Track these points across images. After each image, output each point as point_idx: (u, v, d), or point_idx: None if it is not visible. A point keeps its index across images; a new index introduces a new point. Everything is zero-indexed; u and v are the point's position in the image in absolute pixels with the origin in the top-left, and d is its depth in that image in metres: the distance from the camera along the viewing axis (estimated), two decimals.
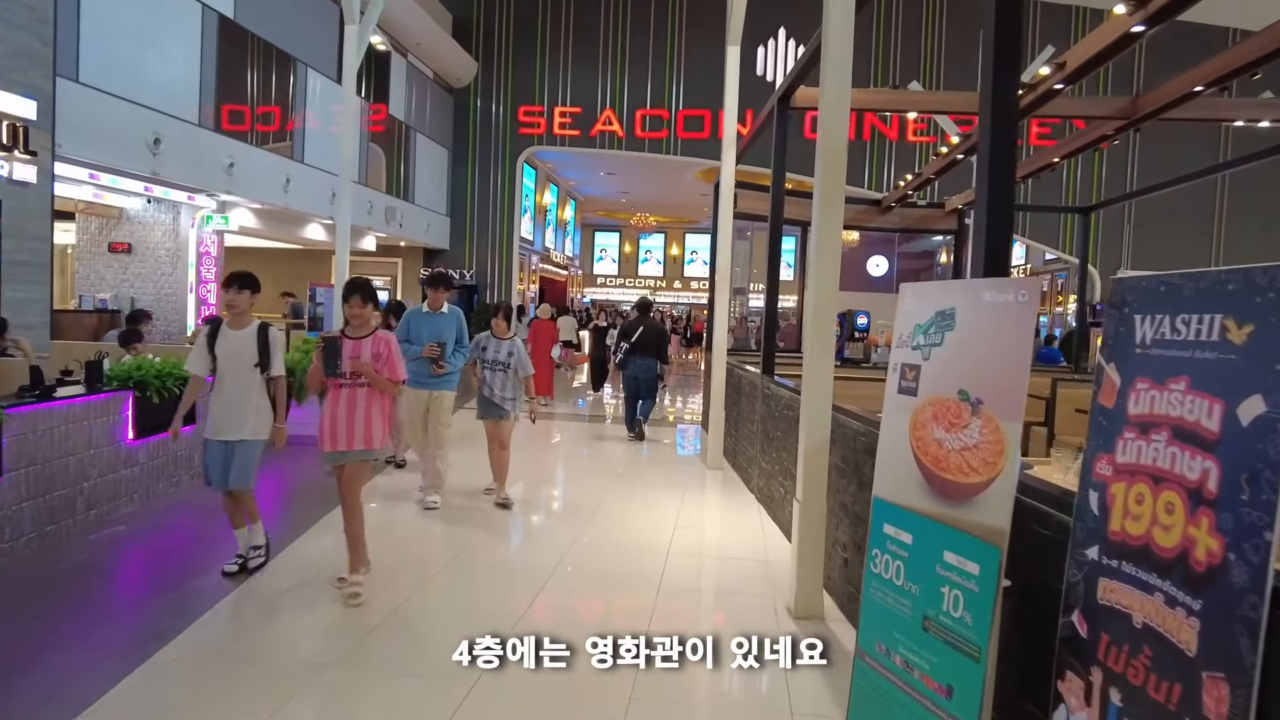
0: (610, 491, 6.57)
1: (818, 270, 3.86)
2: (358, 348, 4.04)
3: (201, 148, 10.88)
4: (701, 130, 19.35)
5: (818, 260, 3.86)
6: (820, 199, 3.87)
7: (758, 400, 6.54)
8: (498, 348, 5.92)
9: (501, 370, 5.85)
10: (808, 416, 3.88)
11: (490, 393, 5.92)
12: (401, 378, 4.16)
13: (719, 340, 7.63)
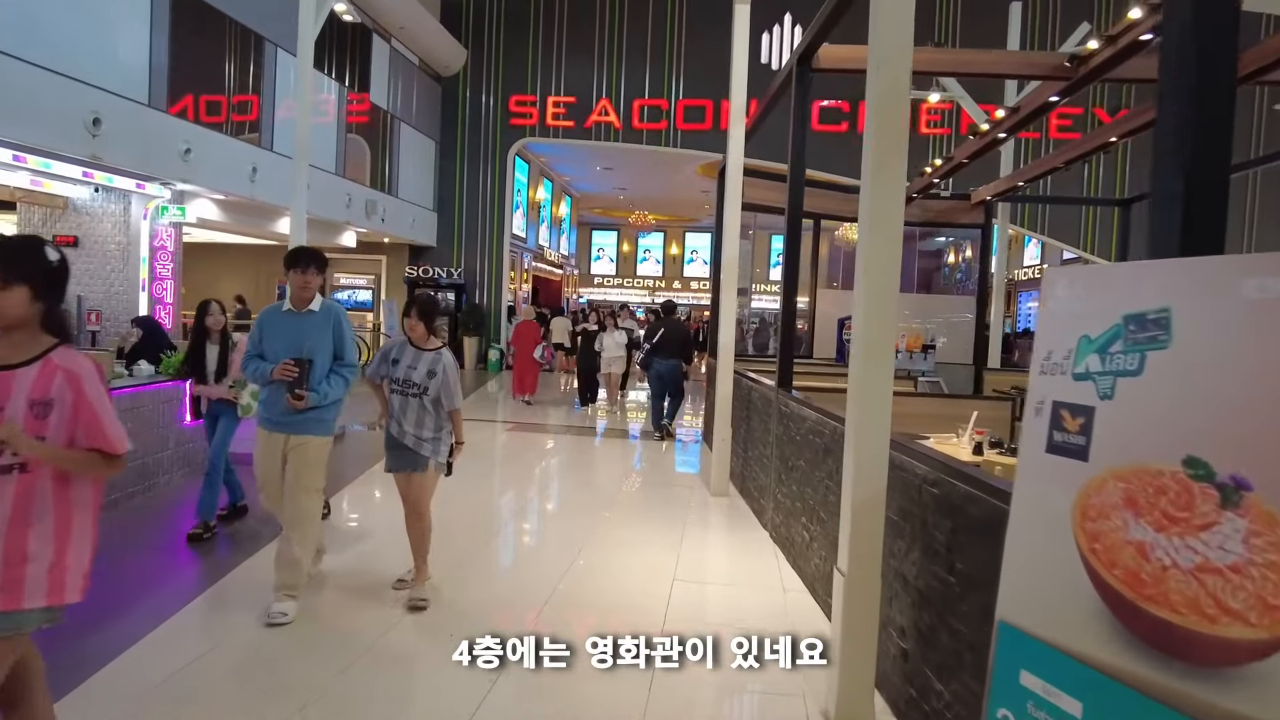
0: (596, 527, 5.53)
1: (872, 252, 2.84)
2: (5, 386, 1.93)
3: (152, 131, 9.83)
4: (703, 121, 18.32)
5: (871, 237, 2.84)
6: (874, 157, 2.85)
7: (772, 419, 5.51)
8: (414, 362, 4.05)
9: (416, 396, 4.00)
10: (858, 458, 2.85)
11: (400, 430, 4.01)
12: (117, 449, 2.01)
13: (725, 345, 6.60)
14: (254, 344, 3.95)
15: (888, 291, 2.84)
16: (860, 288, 2.85)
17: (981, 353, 10.80)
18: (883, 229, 2.84)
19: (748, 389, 6.53)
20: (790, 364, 5.42)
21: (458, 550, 4.83)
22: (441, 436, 4.13)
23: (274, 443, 3.88)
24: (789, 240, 5.44)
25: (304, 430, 3.85)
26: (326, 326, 3.96)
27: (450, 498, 5.86)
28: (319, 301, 3.99)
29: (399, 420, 4.04)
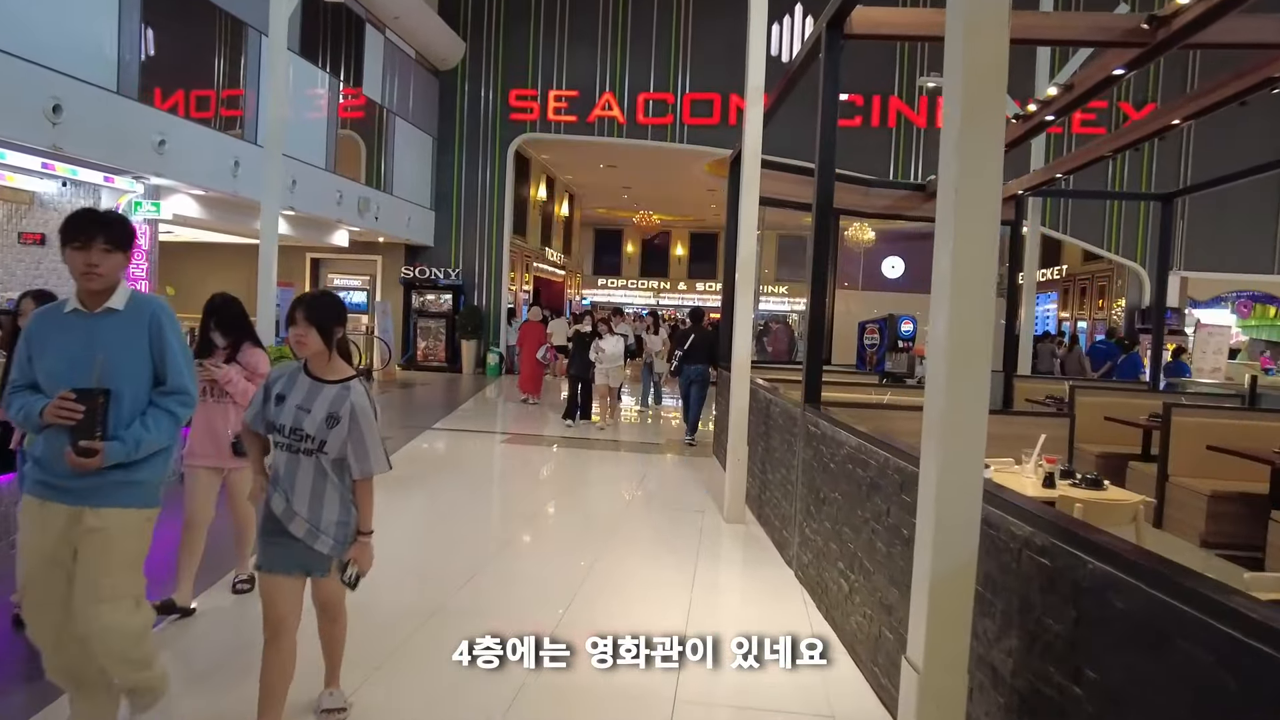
0: (594, 562, 4.81)
1: (965, 241, 2.12)
2: None
3: (121, 120, 9.15)
4: (710, 116, 17.61)
5: (963, 221, 2.12)
6: (967, 101, 2.12)
7: (797, 439, 4.79)
8: (307, 400, 2.62)
9: (310, 454, 2.61)
10: (941, 517, 2.12)
11: (286, 509, 2.61)
12: None
13: (740, 351, 5.87)
14: (20, 367, 2.47)
15: (983, 289, 2.13)
16: (947, 285, 2.13)
17: (1011, 359, 10.06)
18: (979, 209, 2.13)
19: (765, 402, 5.81)
20: (819, 376, 4.70)
21: (427, 593, 4.11)
22: (351, 520, 2.74)
23: (51, 522, 2.39)
24: (818, 231, 4.73)
25: (102, 500, 2.41)
26: (139, 334, 2.48)
27: (428, 527, 5.16)
28: (124, 294, 2.54)
29: (285, 493, 2.60)
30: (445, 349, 18.27)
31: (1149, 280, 17.24)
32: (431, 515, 5.73)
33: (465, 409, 12.28)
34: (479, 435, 9.65)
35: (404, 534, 5.25)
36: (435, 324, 18.24)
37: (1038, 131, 6.51)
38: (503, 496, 6.57)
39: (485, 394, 14.68)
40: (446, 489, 6.65)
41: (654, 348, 12.54)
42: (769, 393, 5.76)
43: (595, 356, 10.03)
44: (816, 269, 4.71)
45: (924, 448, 2.23)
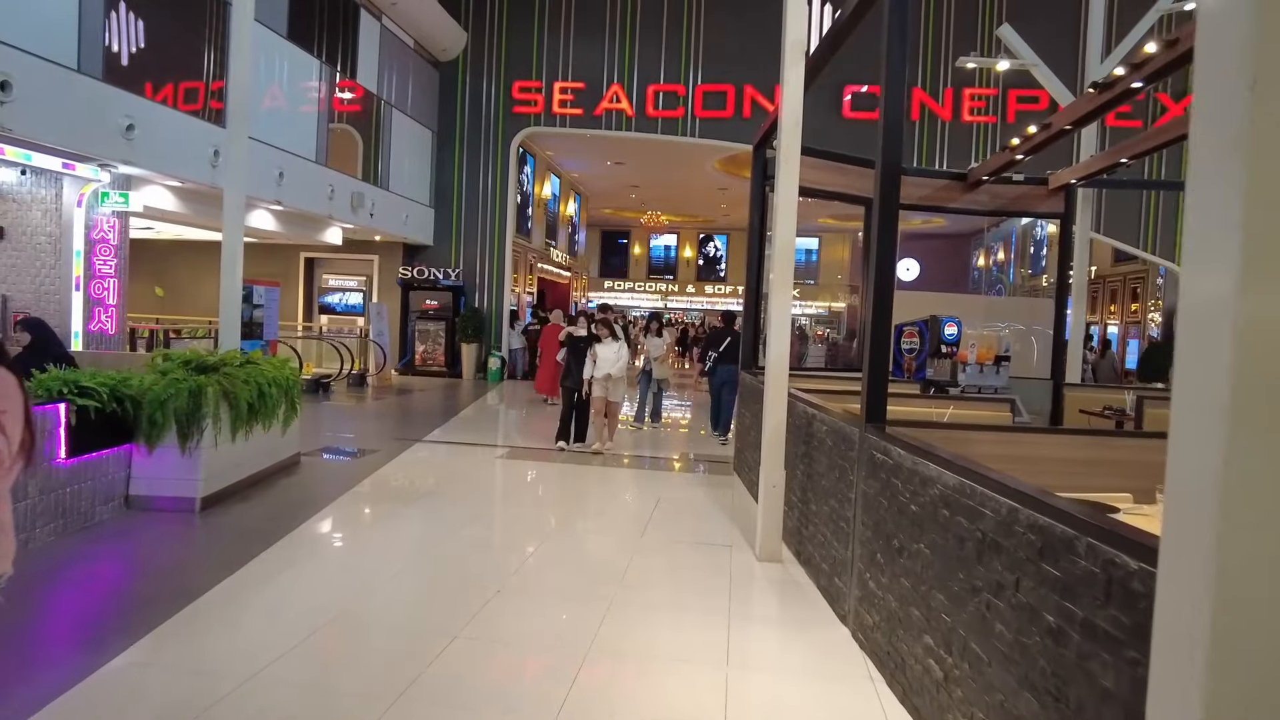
0: (601, 623, 3.90)
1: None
2: None
3: (82, 101, 8.31)
4: (724, 109, 16.73)
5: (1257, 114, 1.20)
6: None
7: (854, 468, 3.88)
8: None
9: None
10: (1221, 670, 1.20)
11: None
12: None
13: (776, 357, 4.96)
14: None
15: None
16: (1236, 247, 1.21)
17: (1059, 366, 9.14)
18: None
19: (807, 417, 4.90)
20: (884, 390, 3.79)
21: (391, 667, 3.22)
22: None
23: None
24: (883, 210, 3.82)
25: None
26: None
27: (398, 573, 4.26)
28: None
29: None
30: (445, 353, 17.41)
31: None
32: (404, 555, 4.83)
33: (463, 418, 11.40)
34: (474, 449, 8.76)
35: (365, 581, 4.35)
36: (434, 327, 17.38)
37: (1123, 100, 5.60)
38: (494, 529, 5.66)
39: (486, 401, 13.80)
40: (427, 519, 5.76)
41: (654, 353, 11.03)
42: (811, 406, 4.85)
43: (590, 368, 8.35)
44: (880, 262, 3.81)
45: (1169, 535, 1.32)
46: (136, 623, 3.65)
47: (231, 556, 4.64)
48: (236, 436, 5.92)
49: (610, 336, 8.51)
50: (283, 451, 6.93)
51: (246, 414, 5.96)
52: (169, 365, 5.68)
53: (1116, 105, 5.74)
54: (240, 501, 5.83)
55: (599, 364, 8.33)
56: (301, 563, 4.59)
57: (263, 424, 6.31)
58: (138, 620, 3.68)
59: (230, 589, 4.15)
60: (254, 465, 6.33)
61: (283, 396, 6.71)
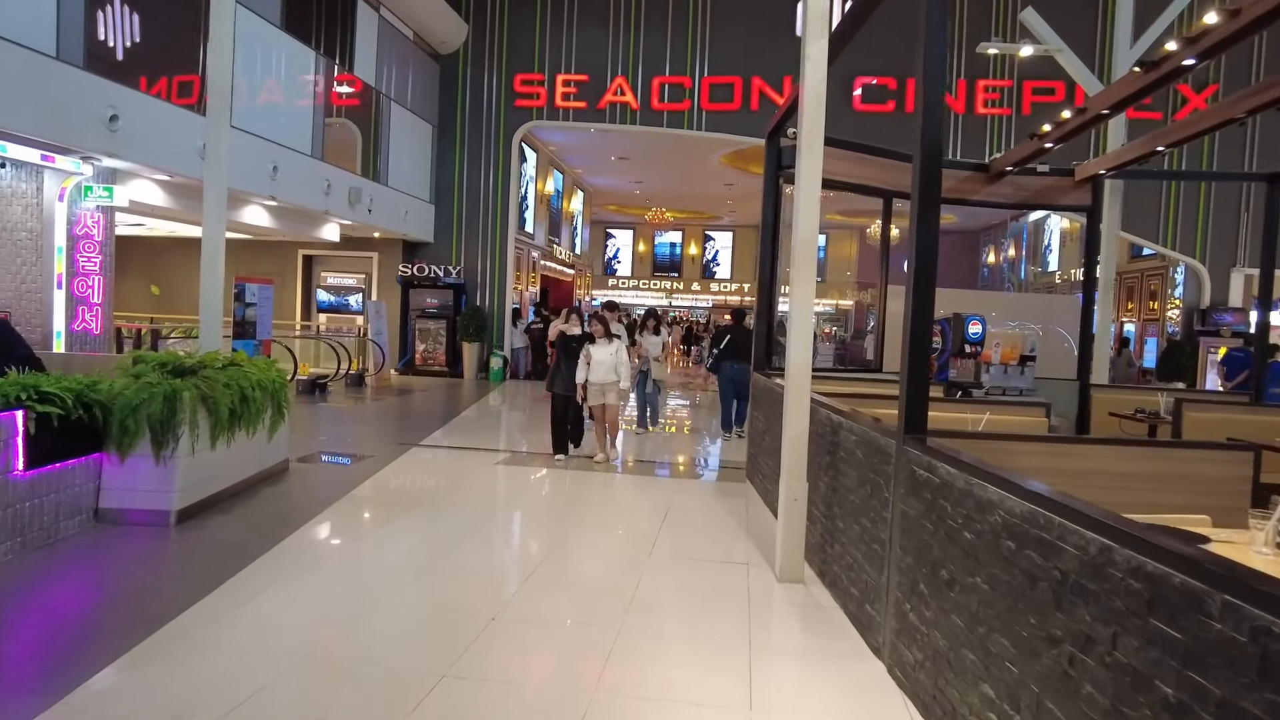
0: (607, 660, 3.50)
1: None
2: None
3: (62, 90, 7.94)
4: (730, 101, 16.30)
5: None
6: None
7: (890, 485, 3.48)
8: None
9: None
10: None
11: None
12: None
13: (797, 358, 4.55)
14: None
15: None
16: None
17: (1086, 365, 8.73)
18: None
19: (832, 425, 4.49)
20: (925, 397, 3.38)
21: (370, 716, 2.82)
22: None
23: None
24: (923, 200, 3.41)
25: None
26: None
27: (380, 601, 3.85)
28: None
29: None
30: (446, 352, 17.02)
31: (1207, 278, 15.84)
32: (392, 576, 4.44)
33: (462, 420, 11.02)
34: (473, 454, 8.37)
35: (348, 607, 3.96)
36: (435, 325, 16.99)
37: (1172, 80, 5.17)
38: (489, 545, 5.25)
39: (487, 402, 13.41)
40: (418, 534, 5.36)
41: (652, 352, 10.18)
42: (837, 413, 4.43)
43: (583, 371, 7.60)
44: (922, 253, 3.39)
45: None
46: (97, 651, 3.28)
47: (206, 576, 4.26)
48: (217, 443, 5.53)
49: (605, 335, 7.69)
50: (269, 458, 6.54)
51: (228, 419, 5.57)
52: (142, 368, 5.29)
53: (1163, 86, 5.31)
54: (220, 514, 5.44)
55: (592, 367, 7.57)
56: (280, 585, 4.20)
57: (247, 430, 5.92)
58: (98, 648, 3.31)
59: (202, 614, 3.77)
60: (237, 474, 5.94)
61: (269, 400, 6.32)
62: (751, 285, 31.48)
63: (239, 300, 10.60)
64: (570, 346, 7.86)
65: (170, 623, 3.65)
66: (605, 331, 7.71)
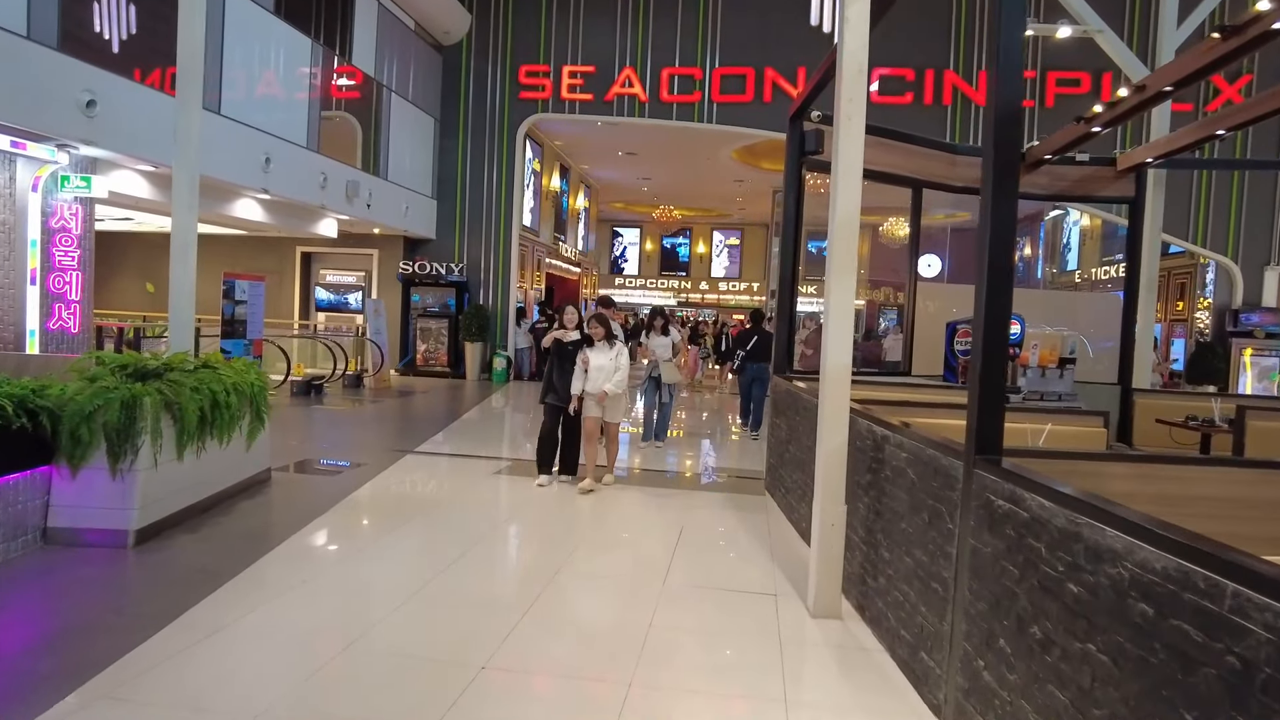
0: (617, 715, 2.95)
1: None
2: None
3: (33, 72, 7.44)
4: (743, 93, 15.73)
5: None
6: None
7: (956, 515, 2.92)
8: None
9: None
10: None
11: None
12: None
13: (834, 365, 4.00)
14: None
15: None
16: None
17: (1128, 368, 8.15)
18: None
19: (875, 439, 3.93)
20: (1000, 412, 2.81)
21: None
22: None
23: None
24: (1000, 172, 2.83)
25: None
26: None
27: (356, 642, 3.29)
28: None
29: None
30: (447, 352, 16.50)
31: (1240, 277, 15.21)
32: (370, 612, 3.90)
33: (462, 424, 10.48)
34: (472, 462, 7.83)
35: (319, 653, 3.42)
36: (436, 325, 16.47)
37: (1255, 47, 4.59)
38: (483, 574, 4.67)
39: (490, 404, 12.88)
40: (403, 558, 4.82)
41: (661, 354, 8.96)
42: (881, 425, 3.87)
43: (580, 380, 6.56)
44: (995, 245, 2.82)
45: None
46: (33, 697, 2.76)
47: (164, 605, 3.74)
48: (184, 454, 5.00)
49: (605, 339, 6.59)
50: (248, 468, 6.01)
51: (196, 427, 5.03)
52: (99, 371, 4.77)
53: (1244, 55, 4.73)
54: (186, 533, 4.91)
55: (590, 375, 6.50)
56: (239, 622, 3.65)
57: (220, 438, 5.39)
58: (34, 693, 2.79)
59: (155, 651, 3.25)
60: (209, 486, 5.41)
61: (246, 405, 5.80)
62: (761, 285, 30.89)
63: (228, 298, 10.08)
64: (567, 351, 6.82)
65: (118, 660, 3.15)
66: (606, 334, 6.63)
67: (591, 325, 6.62)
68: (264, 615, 3.72)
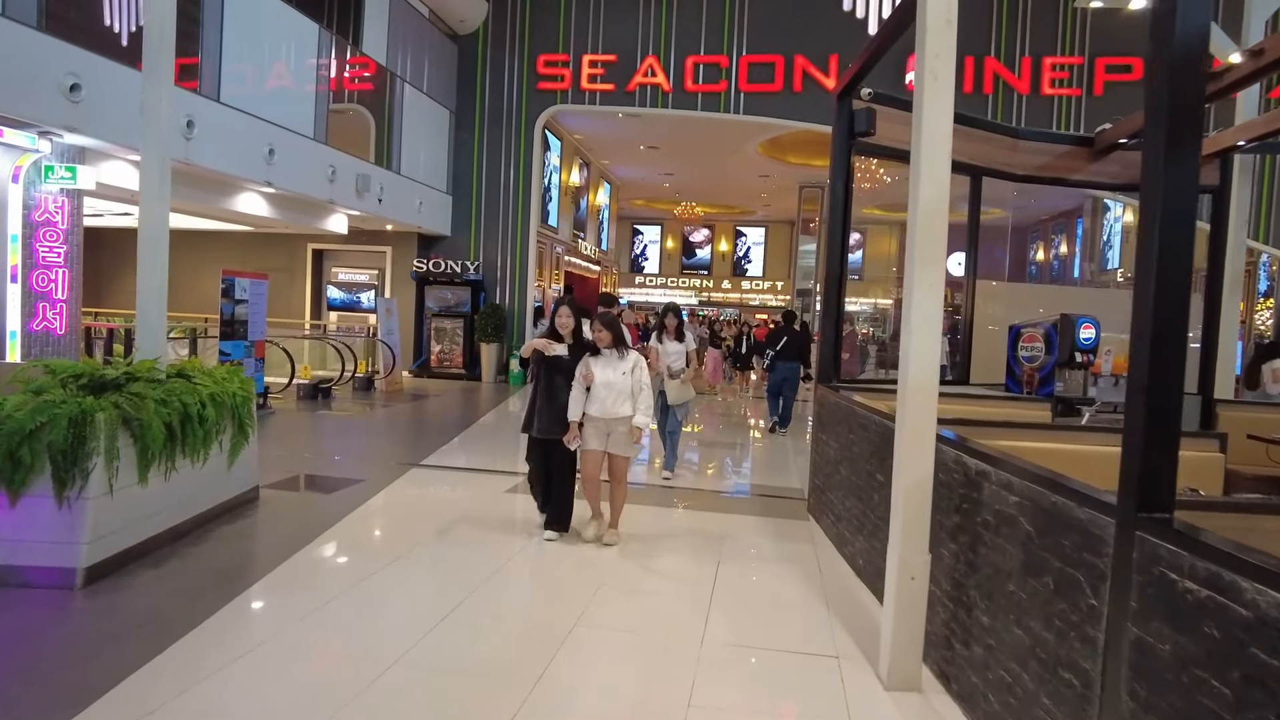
0: None
1: None
2: None
3: (11, 52, 6.86)
4: (772, 81, 14.95)
5: None
6: None
7: (1104, 589, 2.18)
8: None
9: None
10: None
11: None
12: None
13: (919, 376, 3.25)
14: None
15: None
16: None
17: (1209, 377, 7.31)
18: None
19: (966, 471, 3.19)
20: (1171, 455, 2.08)
21: None
22: None
23: None
24: (1174, 123, 2.10)
25: None
26: None
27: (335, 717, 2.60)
28: None
29: None
30: (463, 354, 15.88)
31: None
32: (337, 691, 3.22)
33: (476, 430, 9.83)
34: (482, 478, 7.15)
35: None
36: (451, 325, 15.85)
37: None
38: (484, 628, 3.92)
39: (506, 408, 12.22)
40: (394, 605, 4.12)
41: (672, 365, 7.04)
42: (973, 455, 3.13)
43: (579, 403, 5.00)
44: (1172, 221, 2.08)
45: None
46: None
47: (95, 671, 3.09)
48: (147, 476, 4.35)
49: (613, 345, 5.02)
50: (230, 488, 5.37)
51: (163, 445, 4.39)
52: (46, 382, 4.13)
53: None
54: (149, 568, 4.26)
55: (595, 394, 4.95)
56: (189, 692, 2.99)
57: (193, 456, 4.75)
58: None
59: None
60: (181, 511, 4.77)
61: (227, 418, 5.16)
62: (786, 284, 30.03)
63: (227, 297, 9.49)
64: (555, 364, 5.10)
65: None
66: (615, 339, 5.03)
67: (596, 330, 5.00)
68: (215, 688, 3.05)
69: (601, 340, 5.05)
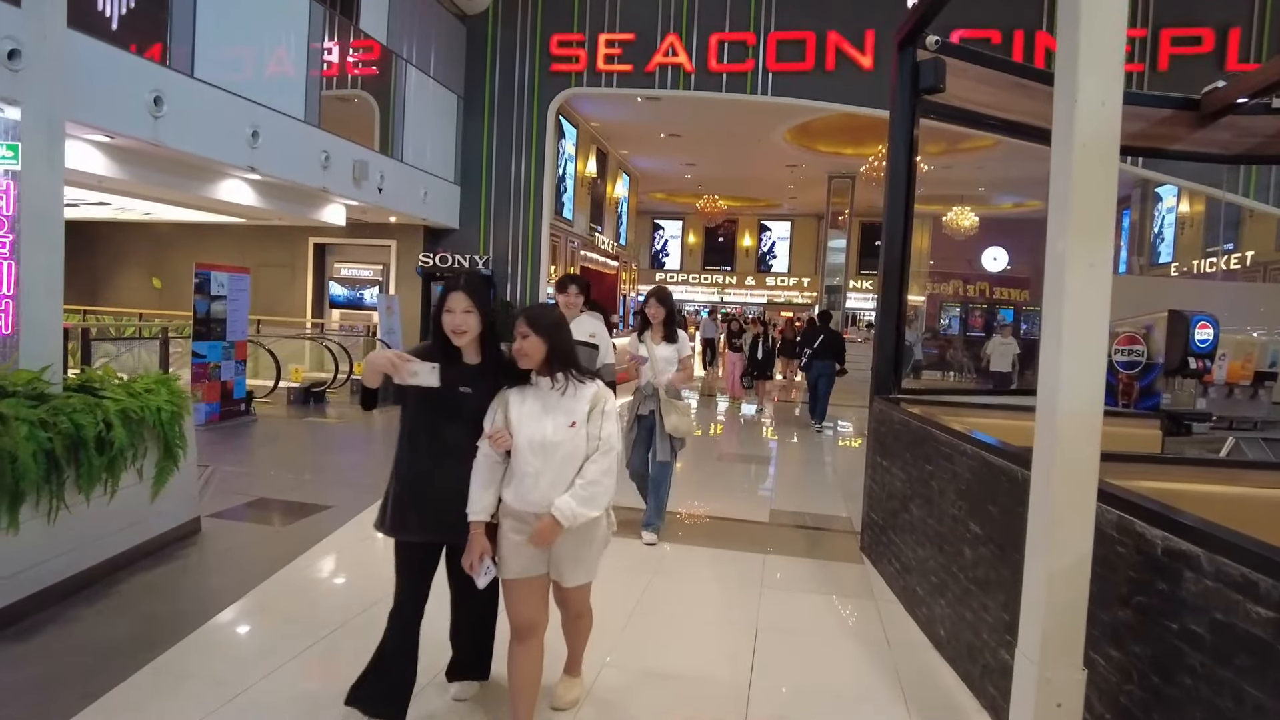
0: None
1: None
2: None
3: None
4: (802, 60, 13.83)
5: None
6: None
7: None
8: None
9: None
10: None
11: None
12: None
13: (1080, 409, 2.15)
14: None
15: None
16: None
17: None
18: None
19: (1139, 544, 2.11)
20: None
21: None
22: None
23: None
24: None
25: None
26: None
27: None
28: None
29: None
30: None
31: None
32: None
33: None
34: None
35: None
36: None
37: None
38: None
39: None
40: (340, 690, 3.07)
41: (662, 374, 4.85)
42: (1145, 519, 2.05)
43: (481, 488, 2.62)
44: None
45: None
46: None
47: None
48: (16, 520, 3.38)
49: (549, 367, 2.61)
50: (155, 524, 4.40)
51: (40, 479, 3.42)
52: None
53: None
54: (12, 641, 3.28)
55: (517, 465, 2.59)
56: None
57: (90, 490, 3.78)
58: None
59: None
60: (77, 560, 3.81)
61: (149, 440, 4.19)
62: (813, 280, 28.82)
63: (202, 292, 8.56)
64: (443, 402, 2.72)
65: None
66: (552, 356, 2.62)
67: (521, 335, 2.55)
68: None
69: (527, 357, 2.59)
